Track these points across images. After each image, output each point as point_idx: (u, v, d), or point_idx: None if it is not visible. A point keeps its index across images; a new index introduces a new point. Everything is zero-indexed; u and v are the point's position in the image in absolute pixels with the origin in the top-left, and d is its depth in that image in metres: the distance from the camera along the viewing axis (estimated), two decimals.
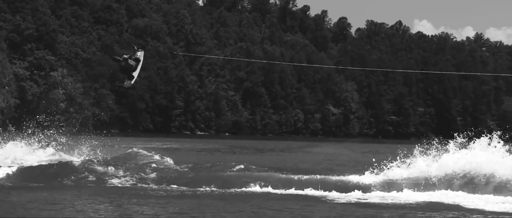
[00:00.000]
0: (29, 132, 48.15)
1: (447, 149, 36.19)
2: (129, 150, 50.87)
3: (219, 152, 78.56)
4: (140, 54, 36.97)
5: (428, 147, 36.55)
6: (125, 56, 36.70)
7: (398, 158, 36.82)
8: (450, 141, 36.62)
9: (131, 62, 36.35)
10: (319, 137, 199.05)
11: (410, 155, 36.68)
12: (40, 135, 48.37)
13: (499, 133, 35.86)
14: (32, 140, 47.47)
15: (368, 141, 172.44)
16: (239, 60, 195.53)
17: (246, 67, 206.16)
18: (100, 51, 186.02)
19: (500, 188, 33.71)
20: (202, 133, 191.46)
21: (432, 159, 36.48)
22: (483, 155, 35.60)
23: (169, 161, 45.14)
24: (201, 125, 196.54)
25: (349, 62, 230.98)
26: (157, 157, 46.49)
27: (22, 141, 47.16)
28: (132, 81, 36.15)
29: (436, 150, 36.50)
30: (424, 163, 36.36)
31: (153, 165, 42.00)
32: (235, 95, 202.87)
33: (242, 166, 38.81)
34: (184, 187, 34.56)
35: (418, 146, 36.79)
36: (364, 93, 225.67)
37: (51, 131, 50.29)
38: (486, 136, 36.03)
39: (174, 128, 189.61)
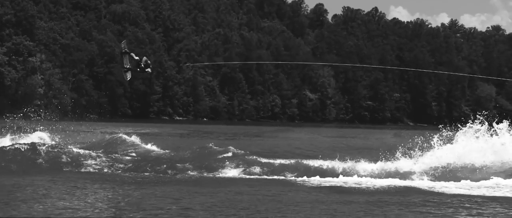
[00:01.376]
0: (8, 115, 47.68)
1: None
2: (111, 135, 50.10)
3: (197, 137, 78.35)
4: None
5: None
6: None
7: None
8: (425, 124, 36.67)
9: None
10: (296, 122, 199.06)
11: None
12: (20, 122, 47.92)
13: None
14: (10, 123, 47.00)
15: (344, 126, 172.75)
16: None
17: (224, 53, 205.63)
18: (78, 37, 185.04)
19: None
20: (180, 118, 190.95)
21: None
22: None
23: (151, 146, 44.77)
24: (179, 110, 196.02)
25: (326, 48, 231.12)
26: (139, 142, 46.03)
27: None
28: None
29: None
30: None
31: (136, 150, 41.75)
32: (213, 81, 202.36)
33: (230, 154, 38.61)
34: (167, 173, 34.32)
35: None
36: (341, 79, 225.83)
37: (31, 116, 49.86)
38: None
39: (152, 113, 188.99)
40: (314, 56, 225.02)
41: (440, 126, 37.81)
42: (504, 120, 36.16)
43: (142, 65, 35.75)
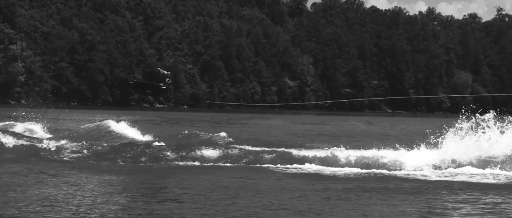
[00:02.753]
0: None
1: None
2: (96, 123, 49.48)
3: (178, 124, 78.08)
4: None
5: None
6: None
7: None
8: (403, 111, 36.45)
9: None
10: (276, 109, 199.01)
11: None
12: None
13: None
14: None
15: (323, 113, 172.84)
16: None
17: (204, 41, 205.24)
18: (59, 25, 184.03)
19: None
20: (161, 106, 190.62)
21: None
22: None
23: (137, 133, 44.28)
24: (160, 97, 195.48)
25: (305, 36, 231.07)
26: (124, 129, 45.50)
27: None
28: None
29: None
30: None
31: (118, 137, 41.42)
32: (193, 68, 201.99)
33: (210, 141, 38.35)
34: (146, 160, 34.06)
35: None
36: (320, 66, 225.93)
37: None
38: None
39: (133, 101, 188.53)
40: (294, 44, 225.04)
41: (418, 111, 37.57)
42: (489, 111, 35.51)
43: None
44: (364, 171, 31.80)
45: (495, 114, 35.39)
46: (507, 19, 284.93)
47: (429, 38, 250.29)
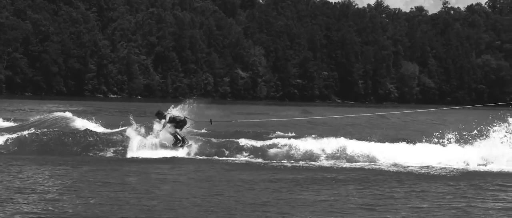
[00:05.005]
0: None
1: None
2: (53, 114, 48.51)
3: (132, 114, 77.20)
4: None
5: None
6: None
7: None
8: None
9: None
10: (228, 100, 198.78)
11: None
12: None
13: None
14: None
15: (275, 104, 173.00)
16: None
17: (158, 32, 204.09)
18: (13, 16, 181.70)
19: None
20: (115, 96, 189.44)
21: None
22: None
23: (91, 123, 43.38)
24: (114, 88, 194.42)
25: (257, 28, 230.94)
26: (79, 119, 44.60)
27: None
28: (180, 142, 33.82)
29: None
30: None
31: (65, 127, 40.67)
32: (147, 59, 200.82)
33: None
34: (94, 152, 33.46)
35: None
36: (271, 58, 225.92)
37: None
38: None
39: (87, 91, 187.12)
40: (246, 36, 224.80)
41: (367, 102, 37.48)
42: None
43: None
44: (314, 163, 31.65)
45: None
46: (452, 12, 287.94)
47: (377, 30, 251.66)
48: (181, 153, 33.01)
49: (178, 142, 33.34)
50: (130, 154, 32.61)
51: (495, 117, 34.24)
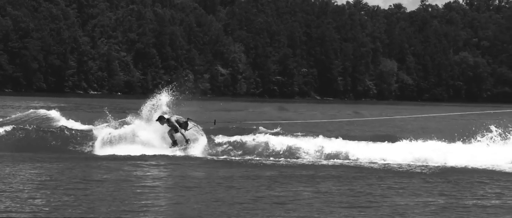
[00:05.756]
0: None
1: None
2: (32, 110, 47.83)
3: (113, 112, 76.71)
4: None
5: None
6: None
7: None
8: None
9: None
10: (208, 96, 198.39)
11: None
12: None
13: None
14: None
15: (255, 100, 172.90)
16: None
17: (138, 29, 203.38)
18: None
19: None
20: (95, 92, 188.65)
21: None
22: None
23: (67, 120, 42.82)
24: (94, 84, 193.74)
25: (237, 25, 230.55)
26: (58, 116, 43.96)
27: None
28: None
29: None
30: None
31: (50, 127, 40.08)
32: (127, 56, 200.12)
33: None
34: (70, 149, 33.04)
35: None
36: (251, 54, 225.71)
37: None
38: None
39: (67, 88, 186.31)
40: (226, 33, 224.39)
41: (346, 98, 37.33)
42: None
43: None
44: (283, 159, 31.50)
45: None
46: (430, 9, 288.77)
47: (356, 27, 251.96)
48: (151, 150, 32.18)
49: (181, 143, 32.75)
50: (100, 151, 32.00)
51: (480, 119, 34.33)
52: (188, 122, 33.49)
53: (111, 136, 32.83)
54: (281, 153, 32.76)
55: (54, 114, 43.89)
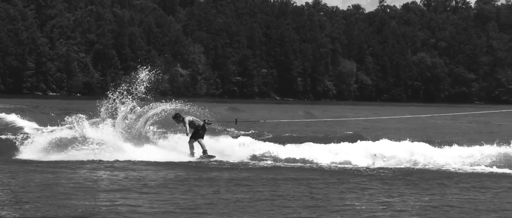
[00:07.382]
0: None
1: None
2: None
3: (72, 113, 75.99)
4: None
5: None
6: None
7: None
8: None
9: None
10: (168, 97, 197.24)
11: None
12: None
13: None
14: None
15: (215, 101, 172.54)
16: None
17: (97, 30, 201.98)
18: None
19: None
20: (54, 94, 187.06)
21: None
22: None
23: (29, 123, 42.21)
24: (53, 85, 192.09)
25: (196, 26, 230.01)
26: (18, 120, 43.27)
27: None
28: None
29: None
30: None
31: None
32: (86, 57, 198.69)
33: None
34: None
35: None
36: (211, 55, 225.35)
37: None
38: None
39: (25, 89, 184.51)
40: (185, 34, 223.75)
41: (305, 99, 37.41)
42: None
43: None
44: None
45: None
46: (388, 10, 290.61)
47: (315, 28, 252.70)
48: (106, 155, 31.47)
49: (201, 153, 32.19)
50: (46, 157, 31.17)
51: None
52: (206, 126, 32.81)
53: (57, 139, 32.00)
54: (241, 155, 32.69)
55: (7, 115, 43.37)
